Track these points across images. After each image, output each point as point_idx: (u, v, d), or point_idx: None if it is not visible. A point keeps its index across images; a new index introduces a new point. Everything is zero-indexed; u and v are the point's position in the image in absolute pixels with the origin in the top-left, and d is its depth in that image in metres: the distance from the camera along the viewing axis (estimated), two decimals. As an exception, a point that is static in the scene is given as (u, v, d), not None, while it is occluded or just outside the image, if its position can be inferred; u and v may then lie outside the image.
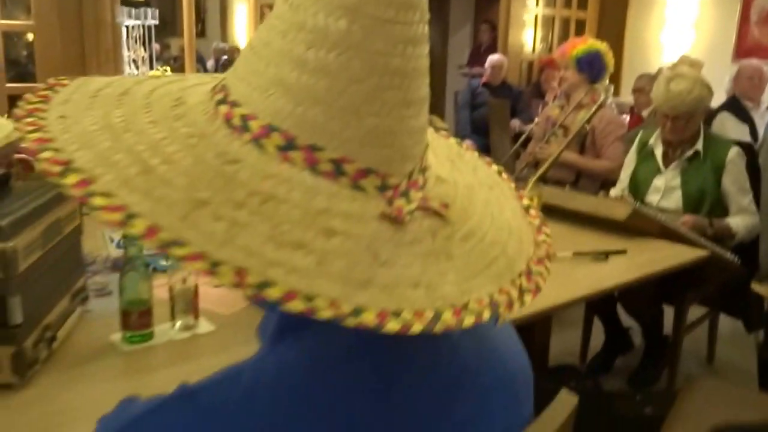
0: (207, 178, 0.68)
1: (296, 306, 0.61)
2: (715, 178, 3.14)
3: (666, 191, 3.27)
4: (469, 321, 0.69)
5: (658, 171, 3.31)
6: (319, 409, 0.71)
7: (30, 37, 6.17)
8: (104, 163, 0.67)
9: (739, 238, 3.13)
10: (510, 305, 0.74)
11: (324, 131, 0.70)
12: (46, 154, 0.67)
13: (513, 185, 0.99)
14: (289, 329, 0.76)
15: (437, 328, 0.66)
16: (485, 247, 0.78)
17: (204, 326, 1.66)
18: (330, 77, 0.69)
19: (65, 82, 0.83)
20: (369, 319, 0.63)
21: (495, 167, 1.00)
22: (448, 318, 0.67)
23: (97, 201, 0.63)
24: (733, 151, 3.16)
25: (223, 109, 0.74)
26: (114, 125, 0.73)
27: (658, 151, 3.32)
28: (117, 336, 1.58)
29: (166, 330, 1.62)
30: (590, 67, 4.06)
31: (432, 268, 0.71)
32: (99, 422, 0.76)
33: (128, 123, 0.74)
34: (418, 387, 0.76)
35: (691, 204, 3.17)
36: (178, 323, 1.63)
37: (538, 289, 0.79)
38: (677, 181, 3.23)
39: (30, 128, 0.71)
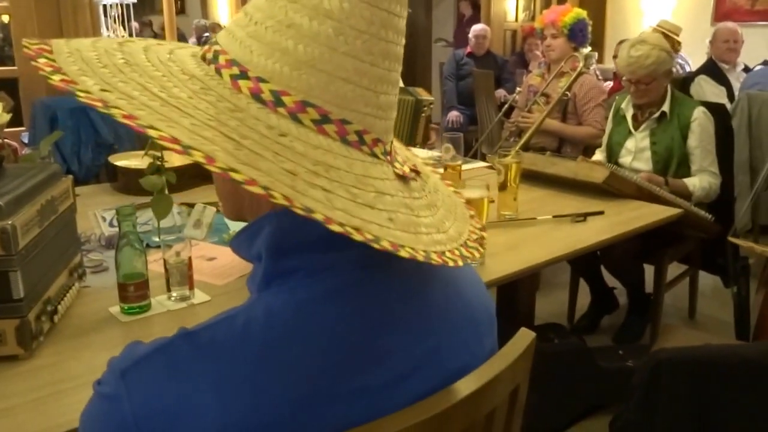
0: (278, 150, 0.76)
1: (404, 254, 0.75)
2: (681, 137, 3.26)
3: (637, 152, 3.38)
4: (475, 255, 0.87)
5: (629, 134, 3.44)
6: (303, 343, 0.78)
7: (5, 18, 6.14)
8: (201, 138, 0.73)
9: (696, 197, 3.23)
10: (481, 241, 0.91)
11: (352, 107, 0.80)
12: (153, 132, 0.71)
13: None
14: (274, 279, 0.84)
15: (462, 262, 0.83)
16: (447, 198, 0.93)
17: (199, 296, 1.73)
18: (357, 60, 0.79)
19: (46, 47, 0.83)
20: (436, 259, 0.79)
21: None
22: (466, 253, 0.85)
23: (236, 176, 0.70)
24: (698, 111, 3.27)
25: (247, 83, 0.80)
26: (167, 100, 0.77)
27: (629, 115, 3.45)
28: (116, 308, 1.65)
29: (162, 301, 1.69)
30: (582, 34, 4.13)
31: (435, 217, 0.86)
32: (108, 364, 0.83)
33: (174, 97, 0.78)
34: (386, 322, 0.84)
35: (660, 163, 3.29)
36: (174, 294, 1.70)
37: (484, 228, 0.95)
38: (647, 143, 3.35)
39: (91, 101, 0.74)
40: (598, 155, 3.60)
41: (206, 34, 9.94)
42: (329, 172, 0.76)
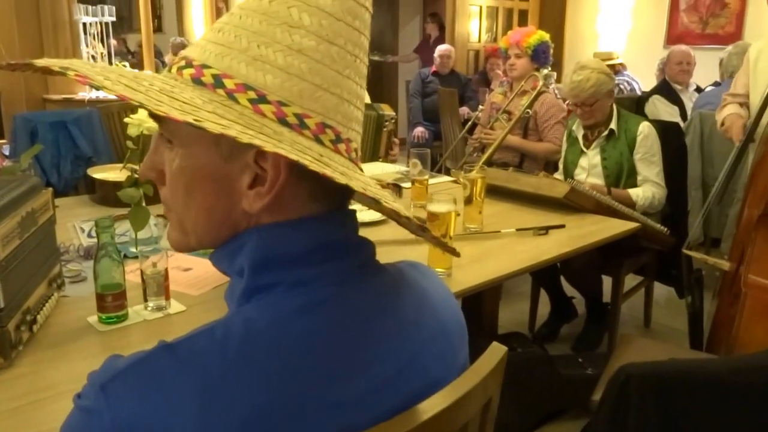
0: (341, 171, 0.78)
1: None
2: (629, 151, 3.33)
3: (590, 169, 3.45)
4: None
5: (581, 152, 3.50)
6: (280, 355, 0.77)
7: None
8: (306, 157, 0.74)
9: (639, 207, 3.27)
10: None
11: (352, 126, 0.83)
12: (282, 152, 0.72)
13: None
14: (254, 293, 0.83)
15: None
16: None
17: (175, 307, 1.71)
18: (353, 82, 0.82)
19: (86, 70, 0.77)
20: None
21: None
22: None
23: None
24: (643, 125, 3.34)
25: (269, 108, 0.78)
26: (238, 122, 0.75)
27: (580, 135, 3.52)
28: (93, 318, 1.62)
29: (139, 311, 1.67)
30: (545, 56, 4.18)
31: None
32: (88, 377, 0.81)
33: (236, 122, 0.75)
34: (361, 336, 0.83)
35: (612, 177, 3.35)
36: (151, 304, 1.68)
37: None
38: (598, 159, 3.42)
39: (171, 108, 0.72)
40: (558, 175, 3.64)
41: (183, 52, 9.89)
42: (367, 191, 0.79)
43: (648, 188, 3.29)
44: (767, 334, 2.37)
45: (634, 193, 3.29)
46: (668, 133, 3.39)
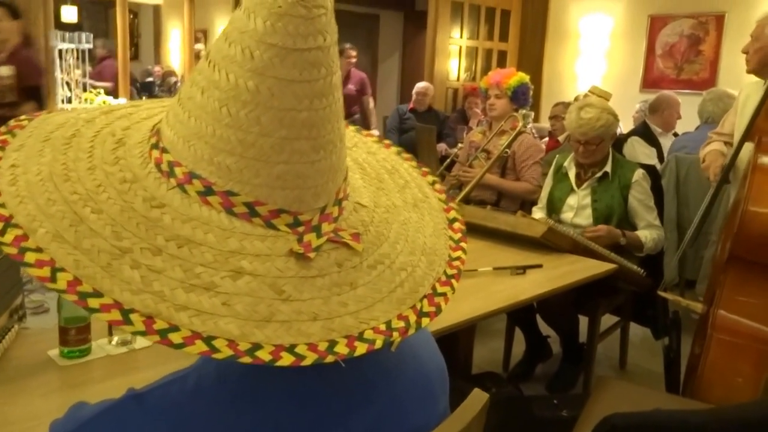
0: (132, 225, 0.71)
1: (197, 348, 0.64)
2: (622, 196, 3.30)
3: (579, 209, 3.40)
4: (361, 350, 0.72)
5: (571, 191, 3.45)
6: (253, 403, 0.74)
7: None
8: (42, 216, 0.70)
9: (647, 249, 3.29)
10: (405, 331, 0.77)
11: (238, 178, 0.74)
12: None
13: (444, 197, 1.01)
14: None
15: (328, 359, 0.69)
16: (392, 273, 0.82)
17: (141, 341, 1.65)
18: (242, 131, 0.73)
19: (24, 123, 0.84)
20: (263, 355, 0.66)
21: (429, 178, 1.03)
22: (341, 349, 0.71)
23: (29, 257, 0.66)
24: (638, 173, 3.33)
25: (155, 153, 0.77)
26: (57, 173, 0.75)
27: (572, 173, 3.47)
28: (55, 351, 1.56)
29: (103, 345, 1.62)
30: (524, 97, 4.20)
31: (334, 300, 0.75)
32: (50, 426, 0.77)
33: (69, 170, 0.76)
34: (339, 384, 0.79)
35: (601, 220, 3.32)
36: (116, 338, 1.63)
37: (438, 311, 0.81)
38: (588, 200, 3.38)
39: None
40: (538, 213, 3.61)
41: (149, 78, 9.99)
42: (181, 249, 0.71)
43: (653, 231, 3.30)
44: (731, 374, 2.36)
45: (643, 235, 3.28)
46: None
